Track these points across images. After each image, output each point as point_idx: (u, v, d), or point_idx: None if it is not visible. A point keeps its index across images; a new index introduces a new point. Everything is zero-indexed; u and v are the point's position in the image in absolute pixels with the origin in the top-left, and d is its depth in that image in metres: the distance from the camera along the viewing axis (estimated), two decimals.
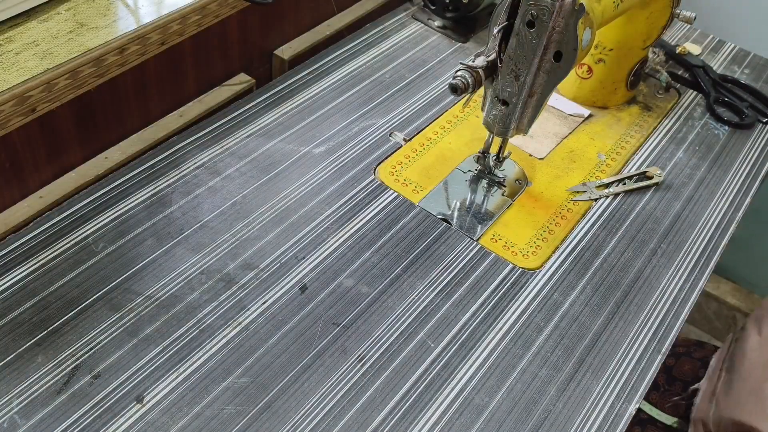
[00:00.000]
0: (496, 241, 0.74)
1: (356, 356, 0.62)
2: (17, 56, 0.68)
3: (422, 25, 1.03)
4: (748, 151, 0.89)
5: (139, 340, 0.60)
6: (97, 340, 0.60)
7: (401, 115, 0.87)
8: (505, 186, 0.79)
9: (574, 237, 0.75)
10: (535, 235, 0.75)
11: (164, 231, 0.70)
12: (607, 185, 0.80)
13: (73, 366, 0.58)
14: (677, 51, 1.03)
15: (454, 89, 0.66)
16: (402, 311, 0.66)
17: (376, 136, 0.84)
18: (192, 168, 0.76)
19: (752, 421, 0.82)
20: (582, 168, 0.83)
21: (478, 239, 0.73)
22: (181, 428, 0.55)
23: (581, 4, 0.61)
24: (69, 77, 0.69)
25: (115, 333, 0.61)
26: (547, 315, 0.68)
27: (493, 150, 0.77)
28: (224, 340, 0.61)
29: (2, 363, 0.58)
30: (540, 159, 0.84)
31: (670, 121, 0.92)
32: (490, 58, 0.67)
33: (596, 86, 0.91)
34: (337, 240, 0.71)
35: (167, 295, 0.64)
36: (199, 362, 0.60)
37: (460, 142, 0.84)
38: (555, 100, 0.92)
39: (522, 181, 0.80)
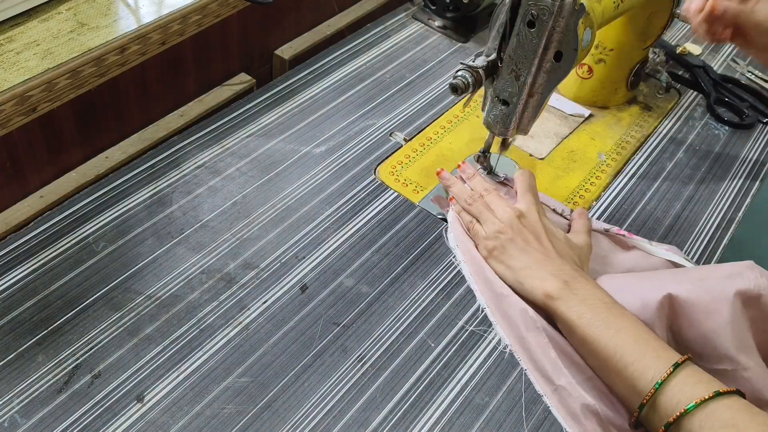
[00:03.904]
0: None
1: (356, 356, 0.62)
2: (18, 56, 0.68)
3: (423, 25, 1.03)
4: (749, 152, 0.89)
5: (139, 340, 0.60)
6: (98, 340, 0.60)
7: (401, 115, 0.87)
8: None
9: None
10: None
11: (165, 230, 0.70)
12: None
13: (73, 365, 0.58)
14: (678, 51, 1.03)
15: (455, 89, 0.66)
16: (402, 311, 0.66)
17: (376, 136, 0.84)
18: (192, 168, 0.76)
19: None
20: (582, 168, 0.83)
21: None
22: (182, 427, 0.55)
23: (581, 4, 0.61)
24: (70, 77, 0.69)
25: (116, 332, 0.61)
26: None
27: (494, 150, 0.77)
28: (224, 340, 0.62)
29: (3, 362, 0.58)
30: (540, 159, 0.84)
31: (670, 122, 0.92)
32: (491, 58, 0.67)
33: (597, 86, 0.91)
34: (338, 240, 0.71)
35: (168, 294, 0.64)
36: (199, 362, 0.60)
37: (460, 142, 0.84)
38: (555, 100, 0.92)
39: None
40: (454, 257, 0.71)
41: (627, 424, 0.58)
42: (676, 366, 0.55)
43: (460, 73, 0.66)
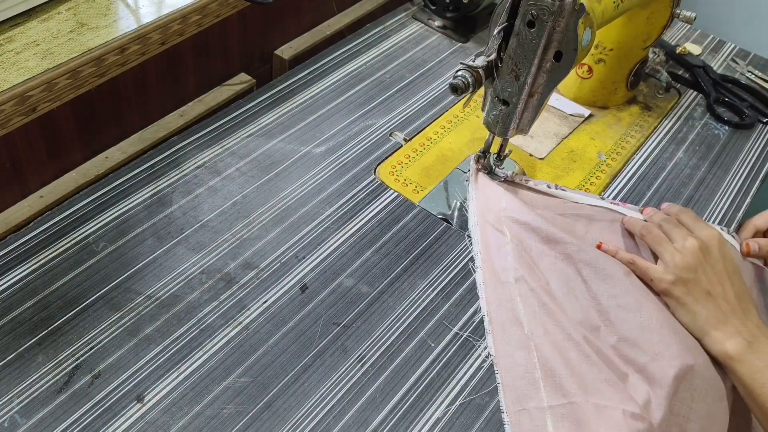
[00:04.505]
0: None
1: (356, 356, 0.62)
2: (18, 56, 0.68)
3: (422, 25, 1.03)
4: (749, 151, 0.89)
5: (139, 340, 0.60)
6: (98, 340, 0.60)
7: (401, 115, 0.87)
8: None
9: None
10: None
11: (164, 230, 0.70)
12: None
13: (73, 365, 0.58)
14: (677, 51, 1.03)
15: (455, 89, 0.66)
16: (402, 311, 0.66)
17: (376, 136, 0.84)
18: (192, 168, 0.76)
19: None
20: (582, 168, 0.83)
21: None
22: (182, 428, 0.55)
23: (581, 4, 0.61)
24: (69, 77, 0.69)
25: (116, 332, 0.61)
26: None
27: (494, 150, 0.77)
28: (224, 340, 0.61)
29: (3, 362, 0.58)
30: (540, 159, 0.84)
31: (670, 121, 0.92)
32: (491, 58, 0.67)
33: (596, 86, 0.91)
34: (338, 240, 0.71)
35: (167, 294, 0.64)
36: (199, 362, 0.60)
37: (460, 141, 0.84)
38: (555, 100, 0.92)
39: None
40: (469, 240, 0.70)
41: None
42: None
43: (460, 73, 0.66)
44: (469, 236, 0.72)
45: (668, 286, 0.64)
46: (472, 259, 0.70)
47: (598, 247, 0.69)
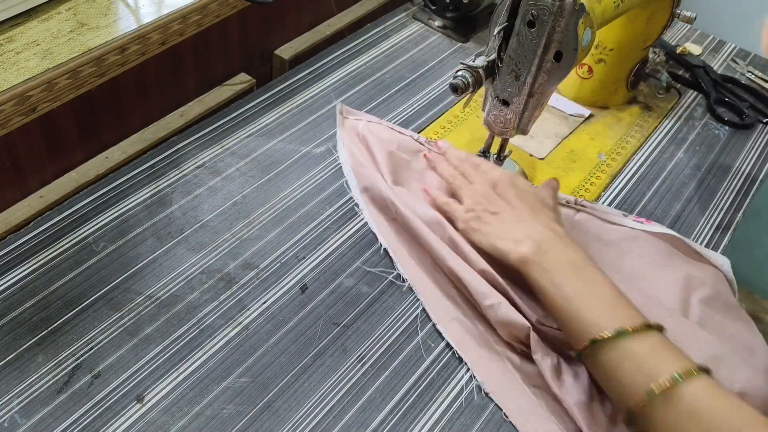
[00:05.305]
0: None
1: (356, 356, 0.62)
2: (18, 56, 0.68)
3: (422, 25, 1.03)
4: (749, 152, 0.89)
5: (139, 340, 0.60)
6: (98, 340, 0.60)
7: (401, 115, 0.87)
8: None
9: None
10: None
11: (164, 231, 0.70)
12: None
13: (73, 365, 0.58)
14: (678, 51, 1.03)
15: (455, 89, 0.66)
16: (402, 311, 0.66)
17: None
18: (192, 168, 0.76)
19: None
20: (582, 168, 0.83)
21: None
22: (181, 428, 0.55)
23: (581, 4, 0.61)
24: (69, 77, 0.69)
25: (116, 332, 0.61)
26: None
27: (494, 150, 0.77)
28: (224, 340, 0.61)
29: (3, 362, 0.58)
30: (540, 159, 0.84)
31: (670, 122, 0.92)
32: (491, 58, 0.67)
33: (597, 86, 0.91)
34: (338, 240, 0.71)
35: (167, 294, 0.64)
36: (199, 362, 0.60)
37: (460, 142, 0.84)
38: (555, 100, 0.92)
39: None
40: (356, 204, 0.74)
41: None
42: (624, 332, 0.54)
43: (460, 73, 0.66)
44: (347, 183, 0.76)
45: (466, 222, 0.68)
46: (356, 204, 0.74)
47: (424, 190, 0.74)
